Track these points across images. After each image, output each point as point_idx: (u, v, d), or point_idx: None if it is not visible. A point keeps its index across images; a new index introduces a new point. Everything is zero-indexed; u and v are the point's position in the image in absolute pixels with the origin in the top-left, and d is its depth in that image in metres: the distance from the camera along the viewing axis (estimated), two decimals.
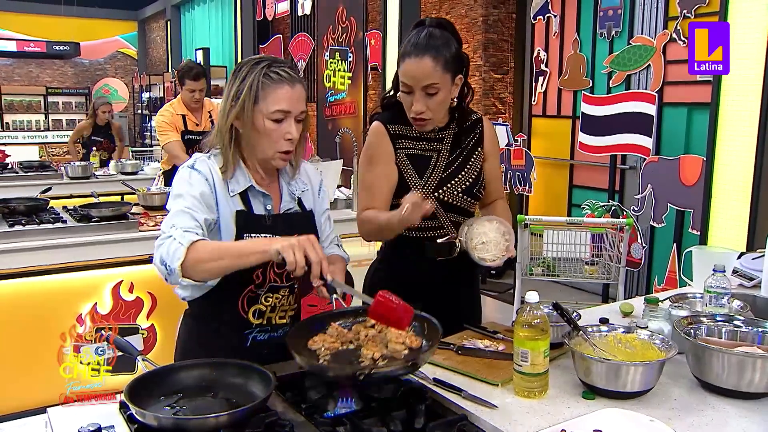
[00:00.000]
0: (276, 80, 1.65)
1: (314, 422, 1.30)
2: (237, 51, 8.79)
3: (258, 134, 1.67)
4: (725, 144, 3.49)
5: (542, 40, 5.53)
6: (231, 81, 1.70)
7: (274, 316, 1.78)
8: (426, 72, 1.85)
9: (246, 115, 1.66)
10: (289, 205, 1.80)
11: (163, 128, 4.60)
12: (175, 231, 1.55)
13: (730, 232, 3.48)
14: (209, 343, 1.74)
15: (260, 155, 1.71)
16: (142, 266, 3.55)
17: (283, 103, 1.65)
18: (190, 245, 1.50)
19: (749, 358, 1.52)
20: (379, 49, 5.75)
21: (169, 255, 1.51)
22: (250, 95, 1.64)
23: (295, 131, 1.68)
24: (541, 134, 5.73)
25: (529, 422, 1.41)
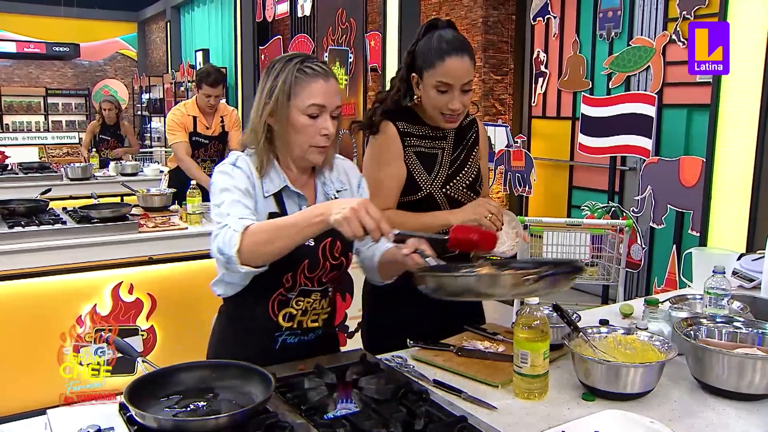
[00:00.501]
0: (310, 74, 1.63)
1: (314, 423, 1.30)
2: (237, 52, 8.79)
3: (293, 131, 1.65)
4: (725, 145, 3.50)
5: (542, 42, 5.53)
6: (264, 78, 1.68)
7: (306, 320, 1.76)
8: (467, 70, 1.94)
9: (280, 112, 1.64)
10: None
11: (171, 127, 4.61)
12: (230, 219, 1.55)
13: (729, 234, 3.48)
14: (241, 342, 1.75)
15: (296, 152, 1.68)
16: (142, 267, 3.55)
17: (318, 97, 1.63)
18: (244, 230, 1.50)
19: (749, 359, 1.52)
20: (378, 50, 5.75)
21: (226, 243, 1.50)
22: (284, 91, 1.62)
23: (331, 126, 1.66)
24: (541, 135, 5.73)
25: (529, 424, 1.41)
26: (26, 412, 3.13)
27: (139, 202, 4.21)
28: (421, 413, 1.31)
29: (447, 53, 1.91)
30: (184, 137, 4.54)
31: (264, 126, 1.66)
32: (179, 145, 4.55)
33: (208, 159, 4.70)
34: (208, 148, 4.66)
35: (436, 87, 1.94)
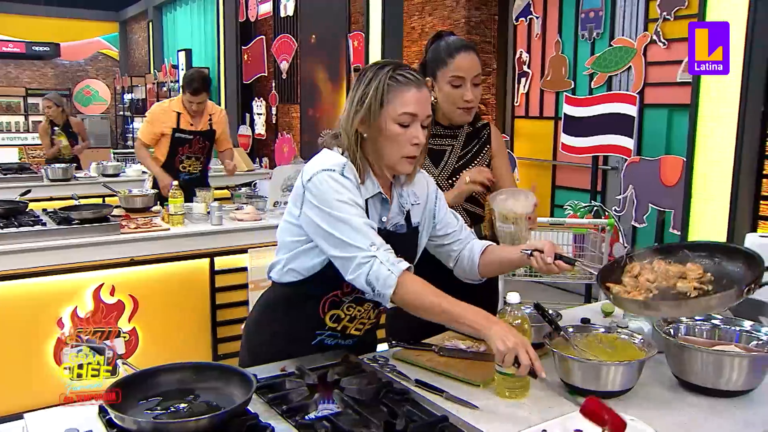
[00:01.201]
0: (403, 82, 1.61)
1: (295, 424, 1.30)
2: (219, 52, 8.74)
3: (384, 139, 1.62)
4: (705, 145, 3.53)
5: (524, 42, 5.56)
6: (355, 85, 1.66)
7: (351, 327, 1.77)
8: (476, 64, 2.12)
9: (372, 119, 1.61)
10: (396, 219, 1.75)
11: (148, 118, 4.58)
12: (379, 252, 1.53)
13: (709, 232, 3.51)
14: (280, 329, 1.76)
15: (386, 160, 1.66)
16: (124, 269, 3.53)
17: (410, 105, 1.61)
18: (401, 274, 1.52)
19: (727, 356, 1.54)
20: (362, 50, 5.75)
21: (379, 281, 1.52)
22: (376, 98, 1.60)
23: (422, 135, 1.64)
24: (524, 135, 5.75)
25: (510, 423, 1.42)
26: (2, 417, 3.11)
27: (120, 203, 4.18)
28: (403, 413, 1.31)
29: (456, 50, 2.09)
30: (148, 135, 4.52)
31: (355, 134, 1.64)
32: (138, 141, 4.61)
33: (193, 156, 4.63)
34: (192, 144, 4.58)
35: (450, 82, 2.09)
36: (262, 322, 1.83)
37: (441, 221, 1.85)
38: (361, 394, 1.40)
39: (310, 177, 1.61)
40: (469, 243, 1.88)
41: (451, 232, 1.86)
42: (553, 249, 1.68)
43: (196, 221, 3.87)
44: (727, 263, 1.59)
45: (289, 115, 7.86)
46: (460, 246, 1.87)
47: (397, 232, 1.73)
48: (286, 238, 1.72)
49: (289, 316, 1.76)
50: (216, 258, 3.76)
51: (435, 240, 1.88)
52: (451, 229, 1.87)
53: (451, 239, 1.87)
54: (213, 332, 3.78)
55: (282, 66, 7.61)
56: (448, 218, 1.87)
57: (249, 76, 8.33)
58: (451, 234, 1.87)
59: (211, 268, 3.75)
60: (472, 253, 1.85)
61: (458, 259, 1.88)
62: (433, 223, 1.85)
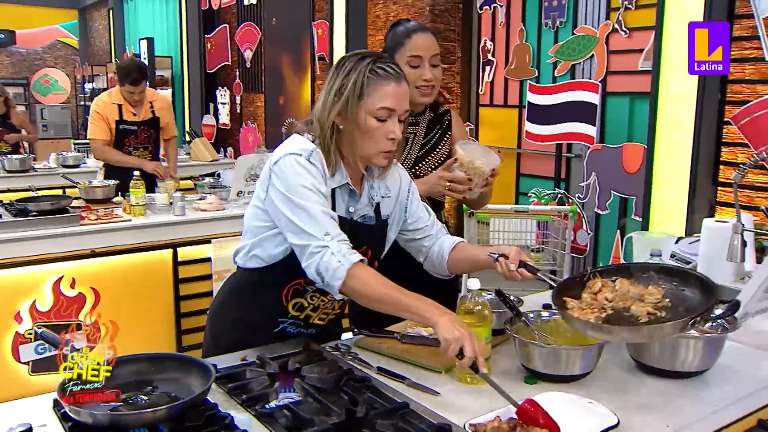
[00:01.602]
0: (383, 76, 1.59)
1: (255, 414, 1.29)
2: (182, 41, 8.61)
3: (360, 132, 1.61)
4: (664, 132, 3.58)
5: (489, 30, 5.56)
6: (333, 76, 1.63)
7: (314, 316, 1.77)
8: (433, 44, 2.12)
9: (349, 112, 1.59)
10: (365, 210, 1.74)
11: (92, 118, 4.47)
12: (332, 242, 1.52)
13: (669, 218, 3.57)
14: (244, 313, 1.76)
15: (361, 153, 1.65)
16: (85, 261, 3.47)
17: (389, 100, 1.59)
18: (351, 267, 1.50)
19: (683, 339, 1.56)
20: (326, 39, 5.71)
21: (329, 271, 1.51)
22: (355, 91, 1.58)
23: (398, 130, 1.62)
24: (489, 123, 5.77)
25: (471, 408, 1.43)
26: None
27: (80, 195, 4.10)
28: (363, 400, 1.31)
29: (413, 31, 2.11)
30: (103, 132, 4.42)
31: (331, 125, 1.62)
32: (95, 142, 4.45)
33: (140, 147, 4.59)
34: (137, 134, 4.53)
35: (409, 63, 2.08)
36: (226, 307, 1.82)
37: (412, 215, 1.85)
38: (321, 382, 1.39)
39: (277, 160, 1.61)
40: (440, 239, 1.87)
41: (422, 227, 1.86)
42: (518, 256, 1.68)
43: (158, 212, 3.81)
44: (688, 291, 1.58)
45: (254, 104, 7.78)
46: (431, 242, 1.87)
47: (365, 223, 1.72)
48: (252, 222, 1.71)
49: (252, 302, 1.75)
50: (179, 249, 3.72)
51: (406, 234, 1.87)
52: (422, 224, 1.86)
53: (422, 234, 1.87)
54: (177, 324, 3.74)
55: (246, 55, 7.52)
56: (419, 212, 1.86)
57: (213, 65, 8.22)
58: (422, 229, 1.86)
59: (174, 259, 3.70)
60: (441, 249, 1.85)
61: (428, 254, 1.88)
62: (404, 217, 1.84)
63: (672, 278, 1.61)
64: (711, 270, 2.35)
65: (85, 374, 1.20)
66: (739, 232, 1.99)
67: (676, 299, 1.56)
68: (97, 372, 1.21)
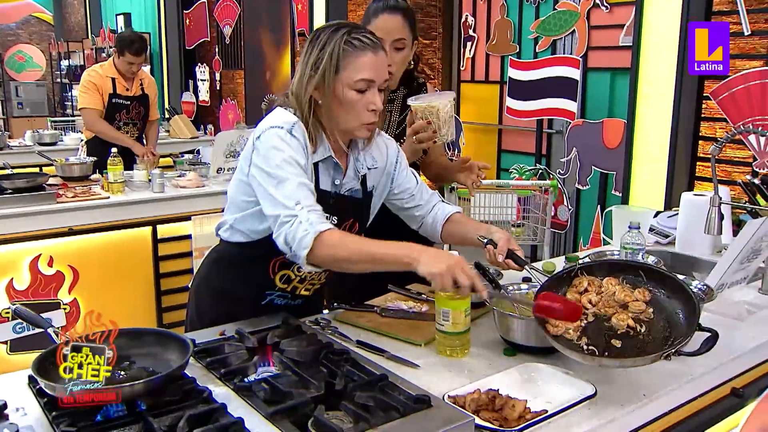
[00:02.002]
0: (359, 47, 1.55)
1: (233, 387, 1.28)
2: (160, 17, 8.46)
3: (339, 105, 1.58)
4: (644, 108, 3.60)
5: (470, 6, 5.53)
6: (308, 49, 1.59)
7: (301, 288, 1.76)
8: (398, 27, 2.02)
9: (327, 85, 1.56)
10: (351, 183, 1.71)
11: (86, 88, 4.38)
12: (302, 211, 1.48)
13: (649, 193, 3.60)
14: (230, 285, 1.75)
15: (342, 126, 1.62)
16: (62, 239, 3.43)
17: (367, 71, 1.56)
18: (318, 235, 1.44)
19: None
20: (306, 14, 5.64)
21: (296, 240, 1.46)
22: (331, 63, 1.54)
23: (379, 101, 1.60)
24: (470, 99, 5.76)
25: (450, 380, 1.43)
26: None
27: (57, 172, 4.04)
28: (342, 373, 1.31)
29: (380, 10, 2.03)
30: (97, 102, 4.34)
31: (309, 99, 1.59)
32: (90, 111, 4.35)
33: (130, 122, 4.54)
34: (129, 110, 4.49)
35: None
36: (210, 282, 1.81)
37: (399, 185, 1.83)
38: (300, 355, 1.39)
39: (259, 135, 1.59)
40: (433, 210, 1.86)
41: (408, 196, 1.85)
42: (506, 245, 1.67)
43: (137, 189, 3.77)
44: (674, 302, 1.51)
45: (234, 81, 7.69)
46: (423, 211, 1.86)
47: (352, 196, 1.71)
48: (237, 196, 1.69)
49: (238, 276, 1.74)
50: (159, 226, 3.69)
51: (394, 202, 1.86)
52: (408, 193, 1.85)
53: (412, 203, 1.85)
54: (157, 301, 3.73)
55: (225, 31, 7.41)
56: (406, 183, 1.84)
57: (191, 42, 8.09)
58: (409, 198, 1.85)
59: (154, 237, 3.68)
60: (435, 221, 1.85)
61: (422, 224, 1.88)
62: (390, 187, 1.83)
63: (662, 286, 1.54)
64: (689, 243, 2.37)
65: (85, 374, 1.19)
66: (717, 205, 2.00)
67: (659, 309, 1.51)
68: (97, 372, 1.20)
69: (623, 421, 1.35)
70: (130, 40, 4.34)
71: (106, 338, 1.23)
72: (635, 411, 1.37)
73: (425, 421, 1.15)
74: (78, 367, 1.19)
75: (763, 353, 1.70)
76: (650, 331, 1.47)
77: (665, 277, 1.56)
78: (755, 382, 1.67)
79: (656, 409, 1.44)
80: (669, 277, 1.55)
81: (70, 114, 11.28)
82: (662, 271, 1.59)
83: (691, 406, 1.53)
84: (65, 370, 1.18)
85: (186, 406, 1.20)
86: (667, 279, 1.55)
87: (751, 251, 1.78)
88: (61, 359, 1.19)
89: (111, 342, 1.23)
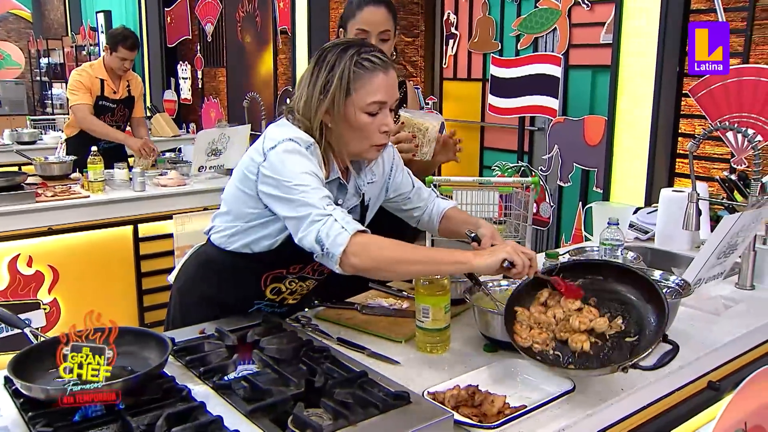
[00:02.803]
0: (370, 68, 1.50)
1: (212, 386, 1.28)
2: (141, 14, 8.40)
3: (350, 128, 1.53)
4: (624, 105, 3.63)
5: (452, 3, 5.54)
6: (314, 70, 1.53)
7: (289, 298, 1.76)
8: (384, 18, 2.08)
9: (337, 110, 1.51)
10: (352, 201, 1.69)
11: (76, 87, 4.33)
12: (335, 211, 1.42)
13: (630, 190, 3.63)
14: (217, 292, 1.71)
15: (352, 149, 1.58)
16: (41, 238, 3.41)
17: (379, 93, 1.51)
18: (354, 233, 1.39)
19: None
20: (288, 12, 5.63)
21: (330, 237, 1.39)
22: (341, 87, 1.49)
23: (391, 122, 1.56)
24: (453, 97, 5.77)
25: (430, 376, 1.44)
26: None
27: (36, 171, 4.01)
28: (322, 370, 1.31)
29: (365, 3, 2.07)
30: (88, 99, 4.31)
31: (320, 124, 1.53)
32: (82, 107, 4.30)
33: (114, 125, 4.52)
34: (114, 113, 4.48)
35: (356, 35, 2.07)
36: (197, 284, 1.76)
37: (395, 191, 1.83)
38: (280, 353, 1.39)
39: (274, 146, 1.50)
40: (429, 208, 1.87)
41: (404, 200, 1.85)
42: (490, 241, 1.66)
43: (117, 188, 3.75)
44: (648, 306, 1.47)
45: (216, 79, 7.65)
46: (420, 212, 1.87)
47: (350, 211, 1.69)
48: (241, 207, 1.61)
49: (229, 283, 1.71)
50: (140, 225, 3.67)
51: (391, 205, 1.86)
52: (405, 197, 1.85)
53: (409, 206, 1.86)
54: (139, 301, 3.71)
55: (207, 29, 7.37)
56: (402, 188, 1.84)
57: (173, 40, 8.04)
58: (405, 200, 1.85)
59: (135, 236, 3.66)
60: (431, 218, 1.87)
61: (419, 222, 1.90)
62: (386, 195, 1.82)
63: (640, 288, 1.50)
64: (668, 238, 2.40)
65: (85, 374, 1.18)
66: (694, 201, 2.02)
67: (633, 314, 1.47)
68: (97, 372, 1.19)
69: (601, 415, 1.36)
70: (123, 36, 4.32)
71: (106, 338, 1.22)
72: (613, 405, 1.38)
73: (404, 417, 1.15)
74: (78, 367, 1.18)
75: (739, 347, 1.73)
76: (618, 342, 1.44)
77: (643, 279, 1.51)
78: (731, 375, 1.69)
79: (634, 403, 1.46)
80: (646, 281, 1.50)
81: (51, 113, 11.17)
82: (642, 275, 1.54)
83: (668, 400, 1.55)
84: (65, 370, 1.17)
85: (165, 404, 1.19)
86: (644, 282, 1.50)
87: (727, 246, 1.80)
88: (61, 359, 1.18)
89: (111, 342, 1.22)
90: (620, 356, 1.40)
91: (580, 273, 1.59)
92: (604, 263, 1.67)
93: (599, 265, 1.63)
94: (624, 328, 1.45)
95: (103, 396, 1.17)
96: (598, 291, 1.53)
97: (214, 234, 1.70)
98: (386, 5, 2.09)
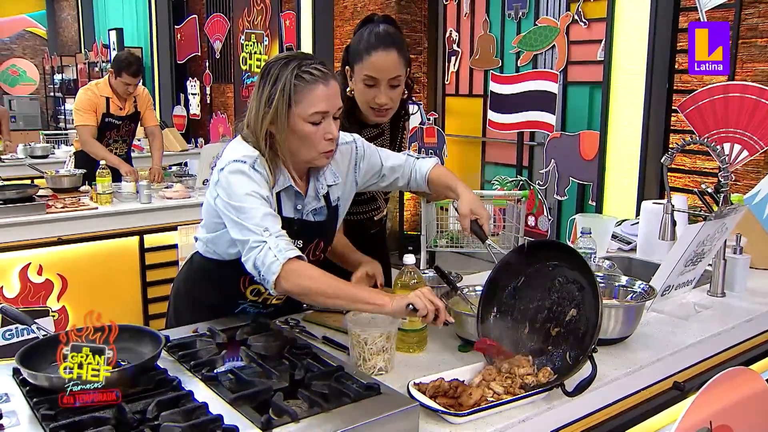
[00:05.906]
0: (309, 81, 1.57)
1: (201, 378, 1.39)
2: (152, 31, 8.61)
3: (296, 138, 1.61)
4: (617, 120, 3.73)
5: (454, 21, 5.67)
6: (260, 84, 1.61)
7: (272, 298, 1.83)
8: (394, 65, 1.93)
9: (281, 121, 1.58)
10: (314, 204, 1.74)
11: (82, 107, 4.43)
12: (270, 237, 1.51)
13: (621, 202, 3.72)
14: (204, 296, 1.84)
15: (301, 158, 1.65)
16: (52, 248, 3.53)
17: (320, 104, 1.58)
18: (286, 262, 1.49)
19: (606, 308, 1.68)
20: (293, 30, 5.78)
21: (264, 265, 1.50)
22: (283, 99, 1.56)
23: (335, 130, 1.62)
24: (455, 113, 5.89)
25: (406, 373, 1.53)
26: None
27: (48, 184, 4.15)
28: (303, 365, 1.41)
29: (374, 47, 1.92)
30: (92, 120, 4.42)
31: (265, 134, 1.62)
32: (85, 129, 4.41)
33: (120, 140, 4.65)
34: (119, 128, 4.60)
35: (364, 81, 1.95)
36: (187, 289, 1.91)
37: (365, 180, 1.88)
38: (265, 350, 1.49)
39: (223, 167, 1.61)
40: (411, 175, 1.90)
41: (378, 179, 1.90)
42: (468, 215, 1.74)
43: (125, 200, 3.88)
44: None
45: (224, 95, 7.82)
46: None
47: (314, 220, 1.75)
48: (209, 217, 1.74)
49: (211, 287, 1.83)
50: (145, 236, 3.79)
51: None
52: (377, 177, 1.89)
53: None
54: (144, 309, 3.82)
55: (215, 46, 7.55)
56: (371, 171, 1.87)
57: (182, 56, 8.24)
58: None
59: (141, 246, 3.78)
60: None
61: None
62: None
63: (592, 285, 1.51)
64: (649, 249, 2.49)
65: (85, 374, 1.24)
66: (669, 212, 2.11)
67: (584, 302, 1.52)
68: (97, 372, 1.25)
69: (568, 407, 1.45)
70: (127, 62, 4.40)
71: (106, 338, 1.31)
72: (578, 400, 1.46)
73: (374, 406, 1.25)
74: (78, 367, 1.25)
75: (705, 349, 1.81)
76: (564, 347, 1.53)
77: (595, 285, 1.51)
78: (697, 377, 1.77)
79: (601, 399, 1.54)
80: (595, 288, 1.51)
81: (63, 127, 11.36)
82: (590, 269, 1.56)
83: (636, 397, 1.63)
84: (65, 369, 1.23)
85: (156, 393, 1.30)
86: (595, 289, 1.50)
87: (694, 254, 1.89)
88: (61, 359, 1.24)
89: (111, 342, 1.30)
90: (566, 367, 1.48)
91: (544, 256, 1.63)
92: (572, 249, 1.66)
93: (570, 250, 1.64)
94: (576, 321, 1.53)
95: (103, 396, 1.25)
96: (560, 276, 1.61)
97: (198, 243, 1.84)
98: (397, 48, 1.94)
